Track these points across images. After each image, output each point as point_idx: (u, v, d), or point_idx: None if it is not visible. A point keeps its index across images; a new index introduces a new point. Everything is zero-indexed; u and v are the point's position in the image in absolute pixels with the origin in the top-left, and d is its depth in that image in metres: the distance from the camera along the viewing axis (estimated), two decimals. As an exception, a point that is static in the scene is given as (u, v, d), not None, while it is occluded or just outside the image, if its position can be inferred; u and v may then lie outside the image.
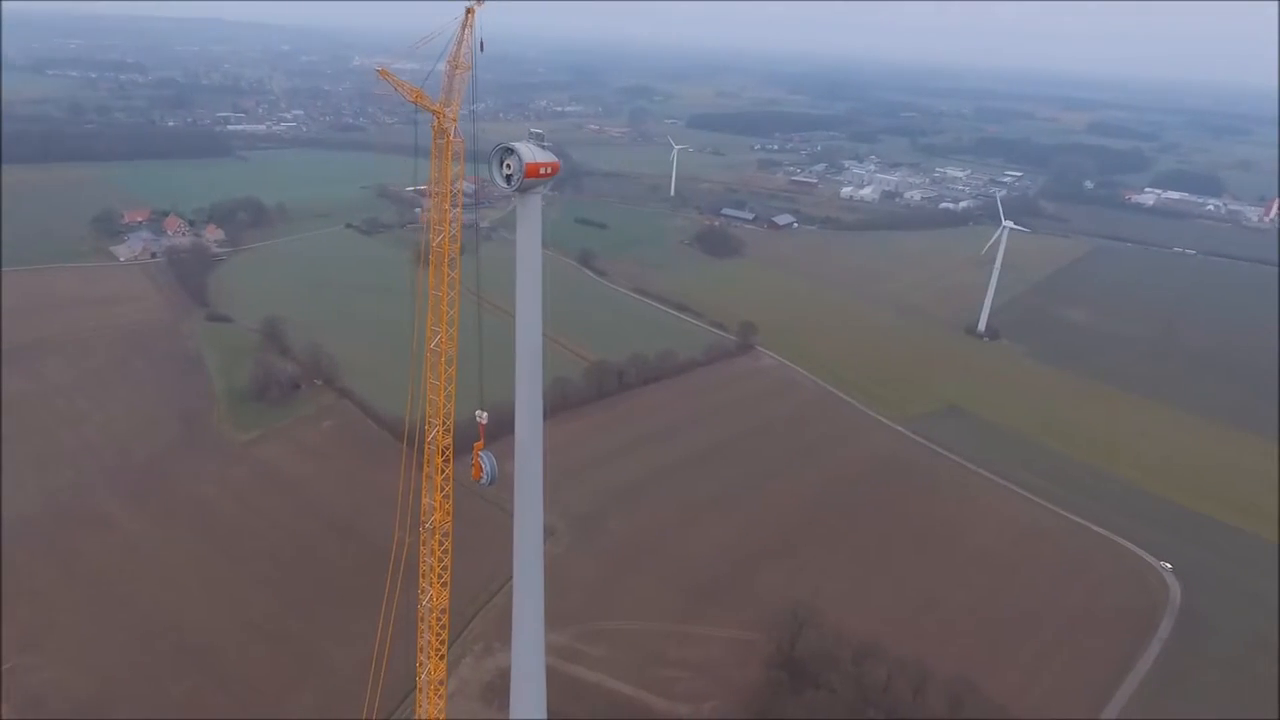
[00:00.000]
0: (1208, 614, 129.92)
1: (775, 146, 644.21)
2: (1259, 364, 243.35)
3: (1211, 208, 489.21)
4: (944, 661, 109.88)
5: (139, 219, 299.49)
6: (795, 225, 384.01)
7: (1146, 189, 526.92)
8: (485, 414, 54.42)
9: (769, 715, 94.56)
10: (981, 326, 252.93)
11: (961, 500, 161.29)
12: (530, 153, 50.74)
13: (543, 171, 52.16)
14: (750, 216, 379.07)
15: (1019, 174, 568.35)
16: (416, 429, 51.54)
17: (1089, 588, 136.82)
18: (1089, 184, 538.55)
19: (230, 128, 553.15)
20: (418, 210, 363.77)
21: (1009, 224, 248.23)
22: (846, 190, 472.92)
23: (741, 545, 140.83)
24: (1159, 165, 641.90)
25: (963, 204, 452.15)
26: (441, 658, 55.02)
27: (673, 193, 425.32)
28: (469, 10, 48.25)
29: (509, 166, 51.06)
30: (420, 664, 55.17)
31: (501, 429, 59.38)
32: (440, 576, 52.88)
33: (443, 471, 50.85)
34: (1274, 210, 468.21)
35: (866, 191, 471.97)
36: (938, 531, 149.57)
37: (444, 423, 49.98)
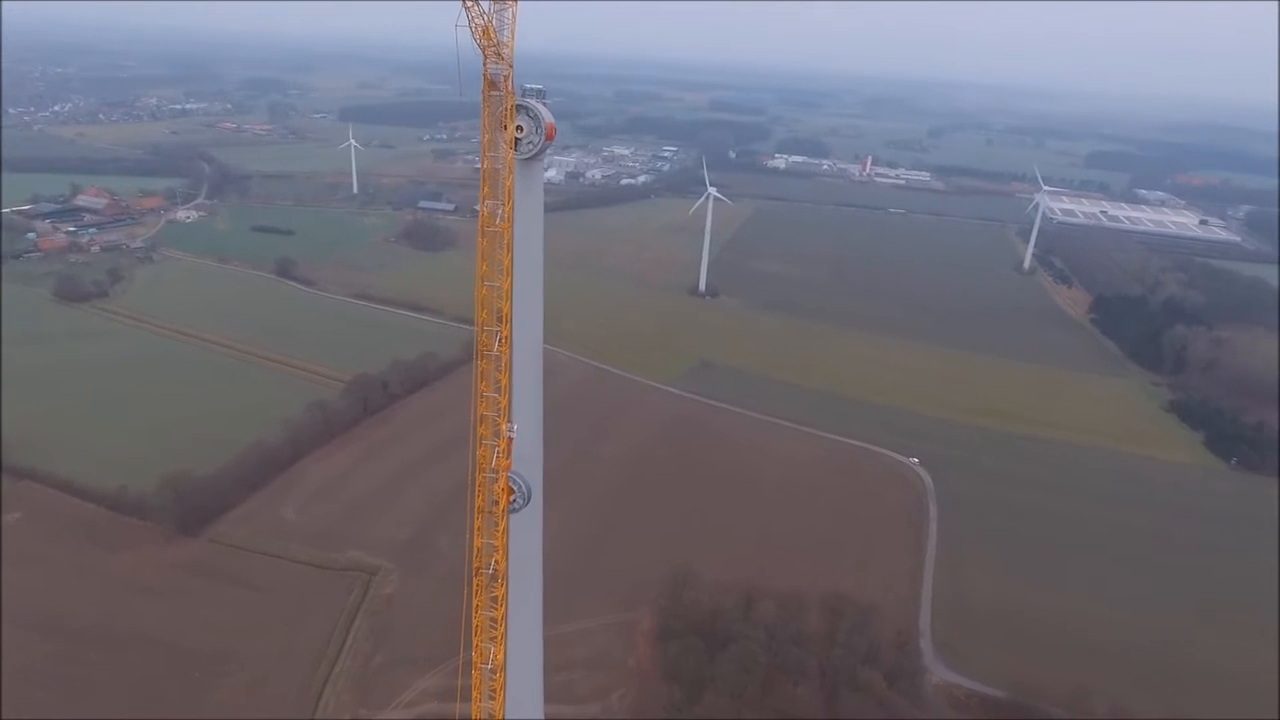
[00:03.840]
0: (956, 492, 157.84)
1: (444, 136, 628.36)
2: (909, 290, 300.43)
3: (826, 167, 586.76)
4: (799, 583, 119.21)
5: None
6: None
7: (776, 155, 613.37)
8: (515, 426, 45.64)
9: (696, 684, 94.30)
10: (702, 287, 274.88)
11: (746, 442, 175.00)
12: (547, 112, 43.45)
13: (552, 135, 45.29)
14: (451, 207, 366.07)
15: (675, 149, 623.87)
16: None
17: (869, 491, 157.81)
18: (732, 154, 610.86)
19: None
20: (30, 236, 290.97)
21: (713, 190, 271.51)
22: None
23: (574, 531, 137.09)
24: (776, 134, 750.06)
25: (640, 179, 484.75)
26: (500, 725, 45.61)
27: (356, 190, 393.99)
28: None
29: (520, 129, 43.11)
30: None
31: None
32: (498, 628, 43.45)
33: (499, 503, 41.55)
34: (868, 166, 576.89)
35: (552, 173, 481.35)
36: (738, 474, 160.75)
37: (503, 445, 40.75)
